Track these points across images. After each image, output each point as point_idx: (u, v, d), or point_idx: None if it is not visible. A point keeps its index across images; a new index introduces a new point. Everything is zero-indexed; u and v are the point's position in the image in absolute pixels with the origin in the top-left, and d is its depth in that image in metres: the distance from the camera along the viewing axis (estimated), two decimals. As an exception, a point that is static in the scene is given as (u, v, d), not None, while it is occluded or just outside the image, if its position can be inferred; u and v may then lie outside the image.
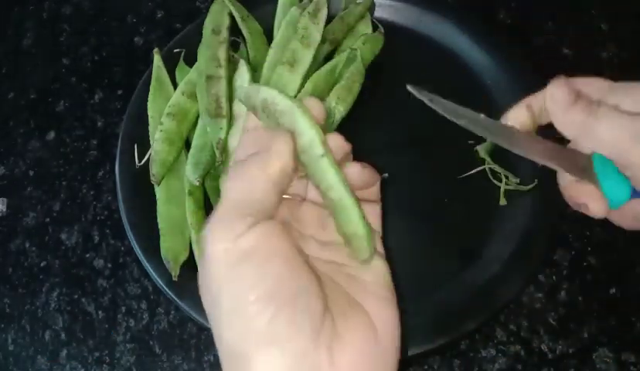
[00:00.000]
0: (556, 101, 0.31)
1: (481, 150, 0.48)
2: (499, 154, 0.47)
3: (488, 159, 0.47)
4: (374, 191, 0.30)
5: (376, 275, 0.27)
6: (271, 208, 0.25)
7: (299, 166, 0.27)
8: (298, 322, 0.23)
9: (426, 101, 0.34)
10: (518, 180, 0.46)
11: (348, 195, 0.26)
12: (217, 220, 0.24)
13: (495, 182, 0.47)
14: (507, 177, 0.46)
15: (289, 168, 0.25)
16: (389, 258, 0.44)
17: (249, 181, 0.25)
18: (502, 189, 0.46)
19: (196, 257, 0.41)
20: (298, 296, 0.23)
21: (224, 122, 0.45)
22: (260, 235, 0.24)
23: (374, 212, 0.30)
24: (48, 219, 0.50)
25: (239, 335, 0.23)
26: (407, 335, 0.40)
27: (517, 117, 0.33)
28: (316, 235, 0.28)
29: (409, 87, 0.35)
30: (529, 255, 0.44)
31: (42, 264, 0.49)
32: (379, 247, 0.29)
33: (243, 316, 0.23)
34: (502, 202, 0.46)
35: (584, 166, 0.31)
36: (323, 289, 0.25)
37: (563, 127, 0.31)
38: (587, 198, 0.32)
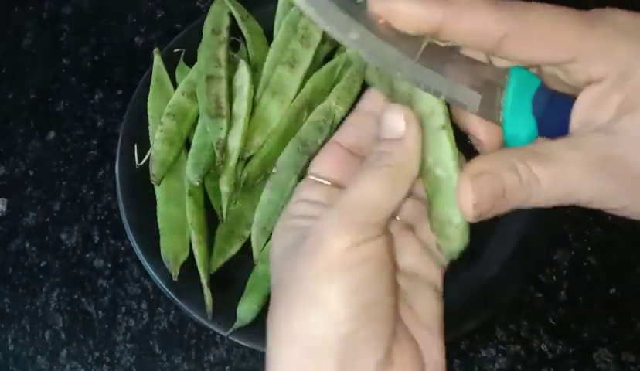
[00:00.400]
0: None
1: (481, 150, 0.48)
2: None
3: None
4: None
5: (431, 307, 0.27)
6: (390, 219, 0.25)
7: None
8: (373, 343, 0.23)
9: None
10: None
11: (457, 176, 0.24)
12: (342, 221, 0.23)
13: None
14: None
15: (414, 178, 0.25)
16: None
17: (383, 190, 0.24)
18: None
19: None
20: (385, 316, 0.23)
21: (224, 122, 0.45)
22: (379, 246, 0.23)
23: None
24: (48, 219, 0.50)
25: (310, 325, 0.23)
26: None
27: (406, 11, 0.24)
28: None
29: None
30: (529, 255, 0.44)
31: (42, 264, 0.49)
32: (439, 283, 0.28)
33: (327, 315, 0.22)
34: None
35: (490, 84, 0.25)
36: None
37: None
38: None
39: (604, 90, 0.24)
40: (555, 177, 0.23)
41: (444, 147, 0.24)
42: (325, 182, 0.27)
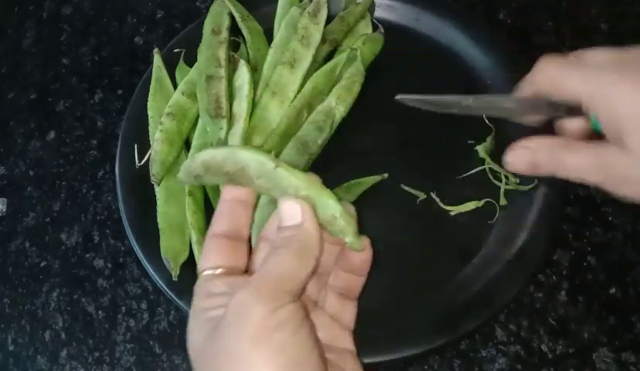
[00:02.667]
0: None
1: (481, 150, 0.48)
2: (499, 154, 0.47)
3: (487, 159, 0.47)
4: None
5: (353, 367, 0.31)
6: (304, 287, 0.28)
7: None
8: None
9: (418, 105, 0.38)
10: (518, 180, 0.46)
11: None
12: (260, 291, 0.26)
13: (495, 182, 0.47)
14: (507, 177, 0.46)
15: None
16: (389, 258, 0.44)
17: (292, 264, 0.27)
18: (501, 189, 0.46)
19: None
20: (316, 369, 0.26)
21: (224, 122, 0.45)
22: (294, 309, 0.26)
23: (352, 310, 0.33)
24: (48, 219, 0.50)
25: None
26: (407, 335, 0.41)
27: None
28: None
29: (398, 98, 0.38)
30: (529, 255, 0.44)
31: (42, 264, 0.49)
32: (353, 347, 0.33)
33: None
34: (502, 202, 0.46)
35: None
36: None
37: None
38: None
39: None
40: (574, 166, 0.34)
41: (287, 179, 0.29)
42: (219, 271, 0.30)
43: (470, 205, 0.46)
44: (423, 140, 0.50)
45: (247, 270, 0.31)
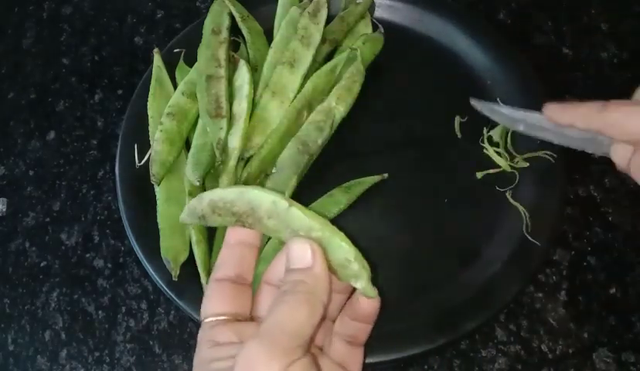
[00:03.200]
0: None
1: (495, 133, 0.48)
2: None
3: (501, 143, 0.47)
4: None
5: None
6: (313, 337, 0.27)
7: None
8: None
9: (487, 113, 0.39)
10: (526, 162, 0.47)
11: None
12: (272, 346, 0.25)
13: (501, 162, 0.47)
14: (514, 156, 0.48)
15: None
16: (389, 258, 0.44)
17: (302, 314, 0.26)
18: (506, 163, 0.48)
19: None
20: None
21: (224, 122, 0.45)
22: (306, 365, 0.25)
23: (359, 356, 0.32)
24: (48, 219, 0.50)
25: None
26: (407, 335, 0.41)
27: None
28: None
29: (472, 102, 0.40)
30: (529, 255, 0.44)
31: (42, 264, 0.49)
32: None
33: None
34: (507, 168, 0.47)
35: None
36: None
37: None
38: None
39: None
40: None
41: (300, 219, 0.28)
42: (223, 318, 0.29)
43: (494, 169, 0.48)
44: (424, 140, 0.50)
45: (251, 315, 0.31)
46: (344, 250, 0.27)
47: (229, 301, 0.30)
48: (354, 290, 0.30)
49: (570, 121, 0.34)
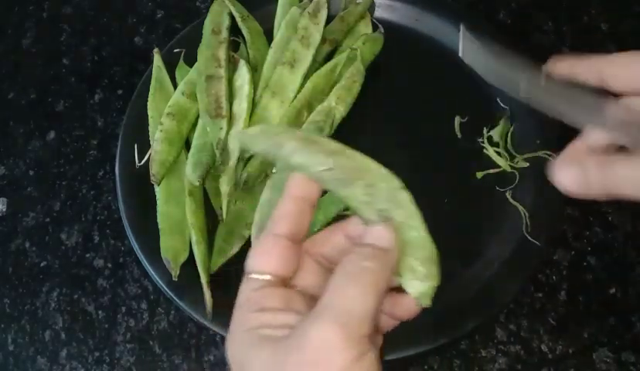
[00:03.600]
0: (567, 186, 0.29)
1: (495, 133, 0.48)
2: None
3: (501, 143, 0.47)
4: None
5: None
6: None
7: None
8: None
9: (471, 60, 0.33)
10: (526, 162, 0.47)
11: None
12: (347, 332, 0.23)
13: (501, 162, 0.47)
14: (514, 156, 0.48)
15: None
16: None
17: (372, 302, 0.25)
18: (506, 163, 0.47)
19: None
20: None
21: (224, 122, 0.45)
22: (374, 359, 0.24)
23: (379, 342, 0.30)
24: (48, 219, 0.50)
25: None
26: (407, 335, 0.40)
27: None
28: None
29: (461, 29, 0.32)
30: (529, 255, 0.44)
31: (42, 264, 0.49)
32: None
33: None
34: (507, 168, 0.47)
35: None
36: None
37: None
38: None
39: None
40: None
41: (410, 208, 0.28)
42: (268, 277, 0.27)
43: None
44: (423, 140, 0.50)
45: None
46: (428, 248, 0.28)
47: (282, 260, 0.27)
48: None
49: (574, 71, 0.31)
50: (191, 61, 0.51)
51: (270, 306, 0.26)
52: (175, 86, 0.51)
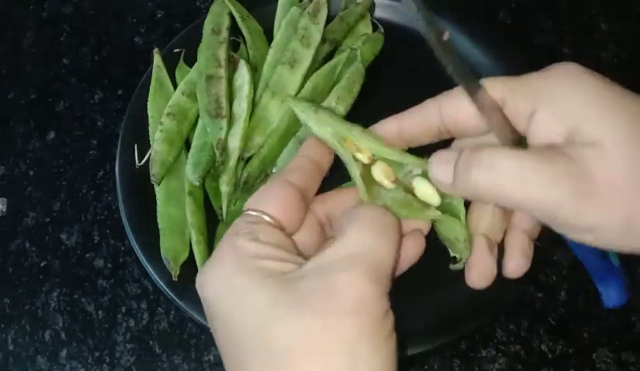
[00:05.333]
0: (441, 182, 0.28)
1: None
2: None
3: None
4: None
5: None
6: None
7: None
8: None
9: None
10: None
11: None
12: (376, 285, 0.23)
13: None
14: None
15: None
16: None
17: (393, 246, 0.25)
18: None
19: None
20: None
21: (224, 122, 0.45)
22: (392, 316, 0.24)
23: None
24: (48, 219, 0.50)
25: None
26: (407, 335, 0.40)
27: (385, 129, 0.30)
28: None
29: None
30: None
31: (42, 264, 0.49)
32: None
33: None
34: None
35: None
36: None
37: (468, 197, 0.28)
38: None
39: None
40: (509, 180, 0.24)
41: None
42: (268, 219, 0.26)
43: None
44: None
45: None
46: (459, 231, 0.29)
47: (285, 206, 0.26)
48: None
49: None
50: (191, 61, 0.51)
51: (265, 239, 0.25)
52: (175, 86, 0.51)
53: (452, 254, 0.29)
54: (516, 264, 0.29)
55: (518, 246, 0.29)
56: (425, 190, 0.29)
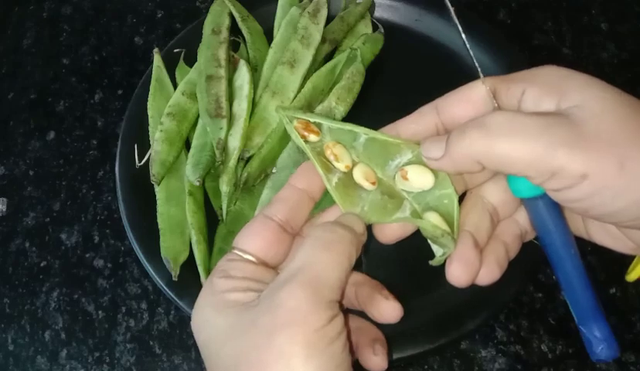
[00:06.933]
0: (431, 151, 0.28)
1: None
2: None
3: None
4: None
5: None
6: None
7: None
8: None
9: None
10: None
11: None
12: (319, 296, 0.24)
13: None
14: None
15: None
16: (389, 257, 0.44)
17: (343, 267, 0.26)
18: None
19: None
20: None
21: (224, 122, 0.45)
22: (342, 322, 0.25)
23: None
24: (48, 219, 0.50)
25: None
26: (407, 335, 0.41)
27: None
28: None
29: None
30: (529, 255, 0.43)
31: (42, 264, 0.49)
32: None
33: None
34: None
35: None
36: None
37: (461, 166, 0.27)
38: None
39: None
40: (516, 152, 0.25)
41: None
42: (250, 257, 0.28)
43: None
44: (423, 140, 0.50)
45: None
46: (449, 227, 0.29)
47: (267, 243, 0.28)
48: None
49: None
50: (191, 61, 0.51)
51: (237, 275, 0.27)
52: (175, 86, 0.51)
53: (435, 251, 0.29)
54: (489, 271, 0.29)
55: (494, 255, 0.30)
56: (418, 172, 0.29)
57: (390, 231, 0.30)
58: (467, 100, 0.29)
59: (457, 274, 0.28)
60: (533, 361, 0.43)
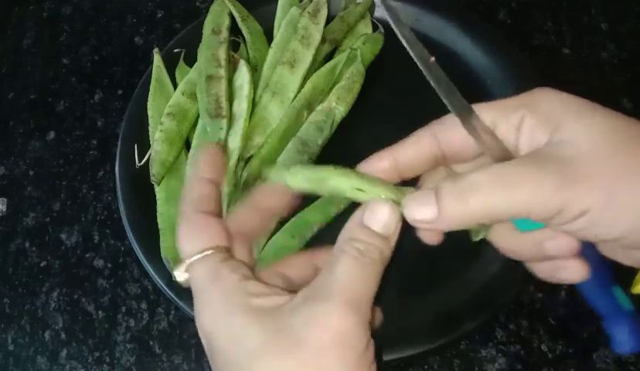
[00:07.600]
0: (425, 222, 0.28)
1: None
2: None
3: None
4: None
5: None
6: None
7: None
8: None
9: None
10: None
11: None
12: (358, 318, 0.24)
13: None
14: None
15: None
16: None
17: (377, 281, 0.26)
18: None
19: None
20: None
21: (224, 122, 0.45)
22: (373, 348, 0.24)
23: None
24: (48, 219, 0.50)
25: None
26: (407, 335, 0.41)
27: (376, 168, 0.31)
28: None
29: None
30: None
31: (42, 264, 0.49)
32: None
33: None
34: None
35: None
36: None
37: (455, 228, 0.28)
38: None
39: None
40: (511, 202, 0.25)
41: None
42: (210, 252, 0.26)
43: None
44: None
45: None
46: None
47: (210, 233, 0.27)
48: None
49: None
50: (191, 61, 0.51)
51: (248, 273, 0.26)
52: (175, 86, 0.51)
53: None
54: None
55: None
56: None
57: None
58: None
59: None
60: (533, 361, 0.43)
